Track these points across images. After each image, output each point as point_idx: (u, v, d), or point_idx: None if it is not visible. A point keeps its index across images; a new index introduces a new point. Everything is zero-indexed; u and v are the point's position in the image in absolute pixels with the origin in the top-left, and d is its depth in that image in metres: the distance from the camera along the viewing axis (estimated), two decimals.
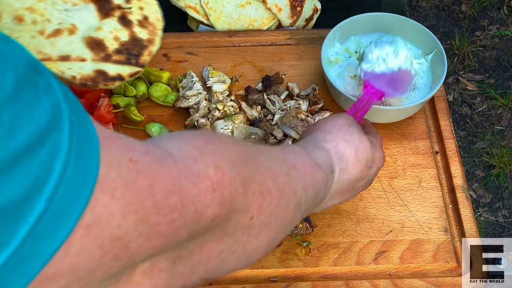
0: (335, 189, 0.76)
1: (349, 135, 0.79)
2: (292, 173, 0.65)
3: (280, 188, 0.61)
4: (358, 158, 0.78)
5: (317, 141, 0.77)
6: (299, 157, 0.70)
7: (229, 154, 0.54)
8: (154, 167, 0.46)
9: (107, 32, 0.84)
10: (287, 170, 0.64)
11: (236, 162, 0.54)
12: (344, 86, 1.11)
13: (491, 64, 2.45)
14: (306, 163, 0.69)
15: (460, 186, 1.06)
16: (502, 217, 2.09)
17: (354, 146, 0.78)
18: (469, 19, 2.57)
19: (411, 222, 1.02)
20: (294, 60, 1.23)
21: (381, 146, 0.86)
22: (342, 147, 0.77)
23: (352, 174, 0.78)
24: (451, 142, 1.12)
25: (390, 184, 1.06)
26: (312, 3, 1.31)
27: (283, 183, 0.62)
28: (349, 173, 0.77)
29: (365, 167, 0.79)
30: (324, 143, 0.76)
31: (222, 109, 1.10)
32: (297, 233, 0.98)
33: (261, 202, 0.57)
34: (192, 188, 0.48)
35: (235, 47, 1.25)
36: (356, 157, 0.78)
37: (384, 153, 0.86)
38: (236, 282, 0.95)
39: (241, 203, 0.54)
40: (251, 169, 0.57)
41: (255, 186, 0.56)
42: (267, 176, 0.59)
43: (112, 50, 0.84)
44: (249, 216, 0.56)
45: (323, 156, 0.74)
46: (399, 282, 0.95)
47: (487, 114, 2.32)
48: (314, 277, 0.96)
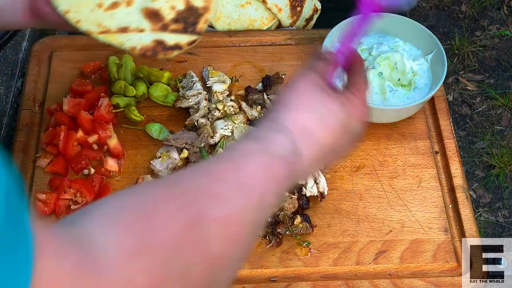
0: (309, 163, 0.70)
1: (313, 102, 0.71)
2: (245, 203, 0.59)
3: (234, 238, 0.57)
4: (326, 127, 0.70)
5: (276, 123, 0.69)
6: (251, 164, 0.63)
7: (162, 246, 0.51)
8: (84, 276, 0.46)
9: (163, 2, 0.86)
10: (242, 206, 0.59)
11: (170, 257, 0.51)
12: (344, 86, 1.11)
13: (491, 64, 2.45)
14: (259, 168, 0.63)
15: (460, 186, 1.06)
16: (502, 217, 2.09)
17: (319, 116, 0.70)
18: (469, 19, 2.57)
19: (411, 222, 1.02)
20: (294, 60, 1.23)
21: (361, 98, 0.76)
22: (305, 121, 0.70)
23: (325, 144, 0.70)
24: (451, 142, 1.12)
25: (390, 184, 1.06)
26: (312, 3, 1.31)
27: (238, 228, 0.58)
28: (320, 144, 0.70)
29: (339, 130, 0.71)
30: (285, 122, 0.69)
31: (222, 109, 1.10)
32: (297, 233, 0.98)
33: (208, 277, 0.54)
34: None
35: (235, 47, 1.25)
36: (323, 127, 0.70)
37: (365, 103, 0.77)
38: (236, 282, 0.95)
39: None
40: (191, 254, 0.53)
41: (197, 269, 0.53)
42: (211, 245, 0.55)
43: (169, 20, 0.85)
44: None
45: (284, 142, 0.67)
46: (399, 282, 0.95)
47: (487, 114, 2.31)
48: (314, 277, 0.96)
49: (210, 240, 0.54)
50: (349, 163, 1.09)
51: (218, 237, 0.55)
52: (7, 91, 1.23)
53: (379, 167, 1.08)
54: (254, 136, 0.69)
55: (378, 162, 1.09)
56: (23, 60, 1.28)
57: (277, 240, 0.98)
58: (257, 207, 0.61)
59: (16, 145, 1.11)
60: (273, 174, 0.64)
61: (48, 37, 1.28)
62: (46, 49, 1.25)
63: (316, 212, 1.02)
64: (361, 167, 1.08)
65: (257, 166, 0.63)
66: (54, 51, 1.24)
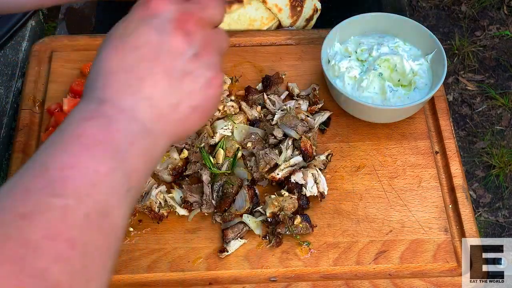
0: (162, 129, 0.55)
1: (128, 62, 0.54)
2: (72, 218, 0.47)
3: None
4: (155, 85, 0.54)
5: (93, 103, 0.53)
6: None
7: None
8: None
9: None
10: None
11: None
12: (344, 86, 1.11)
13: (491, 64, 2.45)
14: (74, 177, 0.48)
15: (460, 186, 1.06)
16: (502, 217, 2.09)
17: (139, 77, 0.54)
18: (469, 19, 2.57)
19: (411, 222, 1.02)
20: (294, 60, 1.23)
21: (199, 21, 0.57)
22: (124, 92, 0.53)
23: (164, 101, 0.54)
24: (451, 142, 1.12)
25: (390, 184, 1.06)
26: (312, 3, 1.31)
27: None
28: (157, 107, 0.54)
29: (176, 73, 0.55)
30: (103, 102, 0.53)
31: (222, 109, 1.10)
32: (297, 233, 0.98)
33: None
34: None
35: (235, 47, 1.25)
36: (155, 91, 0.54)
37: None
38: (236, 282, 0.95)
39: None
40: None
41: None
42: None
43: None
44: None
45: (100, 133, 0.51)
46: (399, 282, 0.95)
47: (487, 114, 2.32)
48: (314, 277, 0.96)
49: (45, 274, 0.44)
50: (349, 163, 1.09)
51: (51, 265, 0.44)
52: (7, 91, 1.23)
53: (379, 167, 1.08)
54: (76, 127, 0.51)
55: (378, 162, 1.09)
56: (23, 60, 1.28)
57: (277, 240, 0.98)
58: (89, 222, 0.48)
59: (16, 145, 1.11)
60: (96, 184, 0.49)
61: (48, 37, 1.28)
62: (46, 49, 1.25)
63: (316, 212, 1.02)
64: (361, 167, 1.08)
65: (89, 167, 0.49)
66: (54, 51, 1.24)
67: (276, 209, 0.99)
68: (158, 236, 1.00)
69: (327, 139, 1.12)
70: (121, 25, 0.57)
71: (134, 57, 0.54)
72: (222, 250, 0.97)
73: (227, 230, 0.98)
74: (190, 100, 0.56)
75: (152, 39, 0.55)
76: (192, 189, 1.03)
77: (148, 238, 1.00)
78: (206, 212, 1.01)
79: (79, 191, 0.48)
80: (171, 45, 0.55)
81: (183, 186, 1.03)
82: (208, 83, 0.57)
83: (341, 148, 1.10)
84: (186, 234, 1.00)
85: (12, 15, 1.28)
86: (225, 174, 1.03)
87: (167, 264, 0.97)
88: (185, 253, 0.98)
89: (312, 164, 1.04)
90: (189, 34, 0.56)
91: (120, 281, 0.95)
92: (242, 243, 0.98)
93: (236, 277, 0.96)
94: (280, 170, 1.02)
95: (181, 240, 0.99)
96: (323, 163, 1.05)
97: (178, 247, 0.99)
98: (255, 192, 1.02)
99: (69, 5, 1.38)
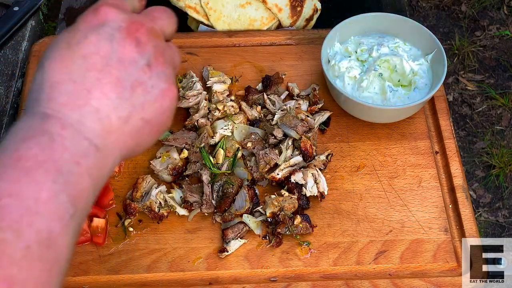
0: (112, 144, 0.52)
1: (74, 74, 0.51)
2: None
3: None
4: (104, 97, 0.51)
5: (35, 119, 0.50)
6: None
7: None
8: None
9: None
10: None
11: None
12: (344, 86, 1.11)
13: (491, 64, 2.45)
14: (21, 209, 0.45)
15: (460, 186, 1.06)
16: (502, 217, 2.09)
17: (83, 86, 0.51)
18: (469, 19, 2.57)
19: (411, 222, 1.02)
20: (294, 60, 1.23)
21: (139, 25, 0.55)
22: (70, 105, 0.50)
23: (113, 114, 0.51)
24: (451, 142, 1.12)
25: (390, 184, 1.06)
26: (312, 3, 1.31)
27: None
28: (106, 120, 0.51)
29: (127, 84, 0.52)
30: (46, 117, 0.49)
31: (222, 109, 1.10)
32: (297, 233, 0.98)
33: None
34: None
35: (235, 47, 1.25)
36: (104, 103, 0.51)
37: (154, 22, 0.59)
38: (236, 282, 0.95)
39: None
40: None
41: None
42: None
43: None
44: None
45: (41, 153, 0.47)
46: (399, 282, 0.95)
47: (487, 114, 2.32)
48: (314, 277, 0.96)
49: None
50: (349, 163, 1.09)
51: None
52: (7, 91, 1.23)
53: (379, 167, 1.08)
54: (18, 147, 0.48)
55: (378, 162, 1.09)
56: (23, 60, 1.28)
57: (277, 240, 0.98)
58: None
59: None
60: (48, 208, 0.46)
61: (48, 37, 1.28)
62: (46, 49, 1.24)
63: (316, 212, 1.02)
64: (361, 167, 1.08)
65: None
66: None
67: (276, 209, 0.99)
68: (158, 236, 1.00)
69: (327, 139, 1.12)
70: (67, 34, 0.54)
71: (81, 67, 0.51)
72: (222, 250, 0.97)
73: (227, 230, 0.98)
74: (142, 112, 0.53)
75: (102, 48, 0.52)
76: (192, 189, 1.03)
77: (148, 238, 1.00)
78: (206, 212, 1.01)
79: (18, 222, 0.44)
80: (122, 54, 0.52)
81: (183, 186, 1.03)
82: (161, 95, 0.54)
83: (341, 148, 1.10)
84: (186, 234, 1.00)
85: (12, 15, 1.28)
86: (225, 174, 1.03)
87: (167, 264, 0.97)
88: (185, 253, 0.98)
89: (312, 164, 1.04)
90: (140, 43, 0.53)
91: (120, 281, 0.95)
92: (242, 243, 0.98)
93: (236, 277, 0.96)
94: (280, 170, 1.02)
95: (181, 240, 0.99)
96: (323, 163, 1.05)
97: (178, 247, 0.99)
98: (255, 192, 1.02)
99: (69, 5, 1.38)
